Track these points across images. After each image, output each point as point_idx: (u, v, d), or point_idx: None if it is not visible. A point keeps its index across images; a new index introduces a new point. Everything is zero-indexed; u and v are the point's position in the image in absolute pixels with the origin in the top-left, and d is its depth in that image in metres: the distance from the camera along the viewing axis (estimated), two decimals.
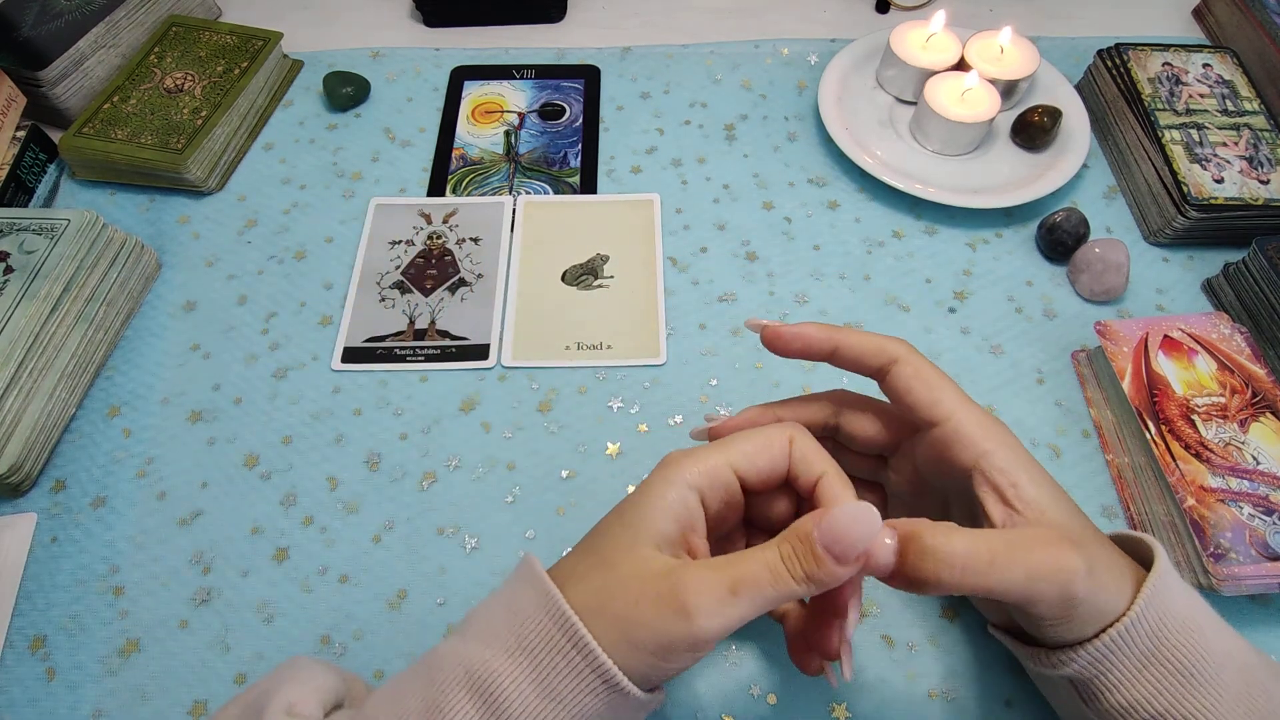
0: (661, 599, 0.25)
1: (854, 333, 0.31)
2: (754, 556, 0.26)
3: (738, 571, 0.25)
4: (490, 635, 0.27)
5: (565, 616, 0.26)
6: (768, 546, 0.26)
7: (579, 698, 0.26)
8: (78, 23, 0.54)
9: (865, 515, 0.24)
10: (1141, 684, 0.27)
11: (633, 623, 0.25)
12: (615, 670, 0.25)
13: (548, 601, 0.26)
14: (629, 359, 0.46)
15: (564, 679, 0.26)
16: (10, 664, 0.37)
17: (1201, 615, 0.28)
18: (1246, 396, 0.40)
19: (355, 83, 0.57)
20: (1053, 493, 0.28)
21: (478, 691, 0.26)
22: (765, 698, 0.36)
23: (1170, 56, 0.55)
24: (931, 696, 0.36)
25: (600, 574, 0.27)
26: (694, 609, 0.25)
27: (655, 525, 0.27)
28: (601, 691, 0.26)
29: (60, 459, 0.42)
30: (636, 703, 0.27)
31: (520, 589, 0.28)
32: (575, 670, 0.26)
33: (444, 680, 0.26)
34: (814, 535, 0.25)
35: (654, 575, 0.26)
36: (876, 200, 0.53)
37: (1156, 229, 0.50)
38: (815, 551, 0.25)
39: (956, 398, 0.29)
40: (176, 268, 0.50)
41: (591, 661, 0.25)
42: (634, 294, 0.48)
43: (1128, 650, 0.27)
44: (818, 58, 0.61)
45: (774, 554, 0.25)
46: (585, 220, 0.52)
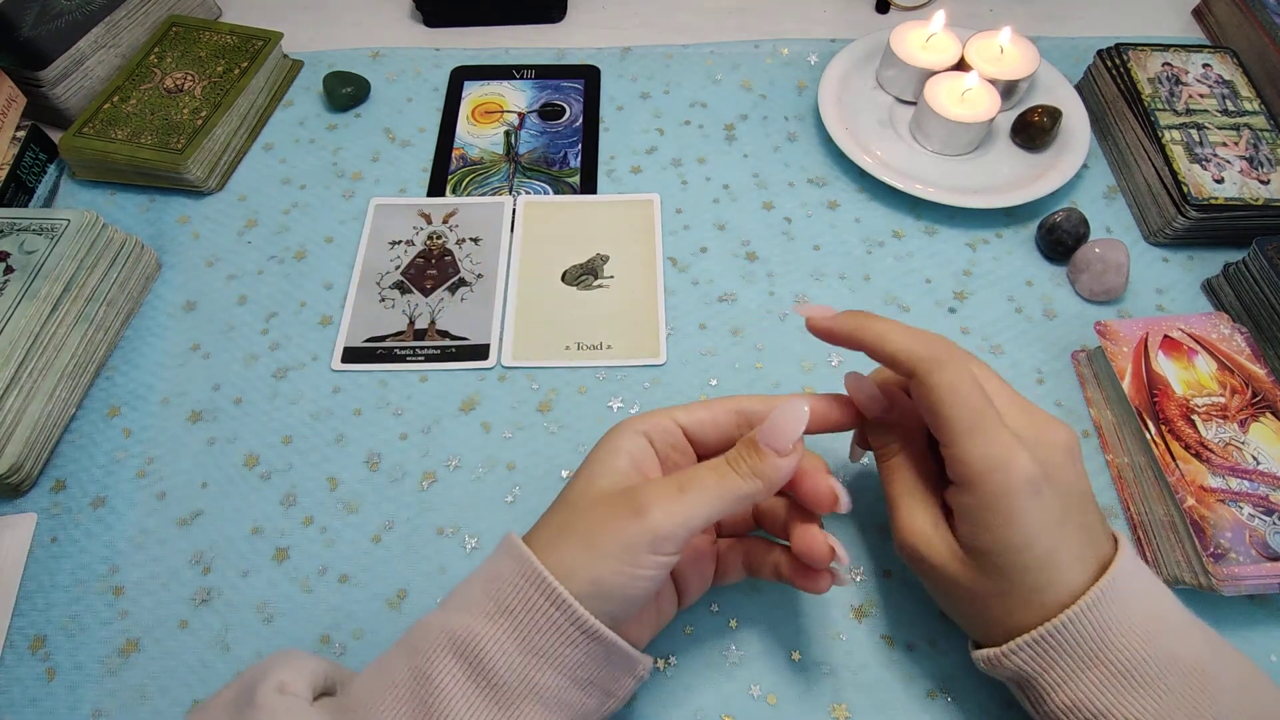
0: (617, 507, 0.28)
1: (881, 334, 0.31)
2: (703, 464, 0.30)
3: (686, 475, 0.29)
4: (470, 603, 0.28)
5: (539, 574, 0.27)
6: (713, 460, 0.30)
7: (559, 649, 0.27)
8: (78, 23, 0.54)
9: (796, 407, 0.29)
10: (1082, 683, 0.28)
11: (593, 535, 0.28)
12: (588, 616, 0.27)
13: (523, 565, 0.28)
14: (629, 359, 0.46)
15: (543, 634, 0.27)
16: (10, 664, 0.37)
17: (1163, 616, 0.28)
18: (1246, 396, 0.40)
19: (355, 83, 0.57)
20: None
21: (462, 654, 0.27)
22: (765, 698, 0.36)
23: (1170, 56, 0.55)
24: (931, 697, 0.36)
25: (563, 513, 0.30)
26: (647, 506, 0.28)
27: (609, 464, 0.30)
28: (580, 640, 0.27)
29: (60, 459, 0.42)
30: (618, 654, 0.28)
31: (497, 559, 0.30)
32: (553, 623, 0.27)
33: (428, 648, 0.27)
34: (755, 436, 0.29)
35: (611, 495, 0.29)
36: (876, 200, 0.53)
37: (1156, 229, 0.50)
38: (758, 447, 0.29)
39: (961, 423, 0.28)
40: (176, 268, 0.50)
41: (567, 612, 0.27)
42: (634, 294, 0.48)
43: (1070, 647, 0.28)
44: (818, 58, 0.61)
45: (720, 460, 0.29)
46: (585, 220, 0.52)
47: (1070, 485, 0.29)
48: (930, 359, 0.29)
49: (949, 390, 0.29)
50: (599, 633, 0.27)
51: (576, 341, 0.46)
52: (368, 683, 0.28)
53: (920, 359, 0.29)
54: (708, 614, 0.38)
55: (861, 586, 0.39)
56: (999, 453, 0.28)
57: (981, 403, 0.29)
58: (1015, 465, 0.28)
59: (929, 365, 0.29)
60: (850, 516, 0.41)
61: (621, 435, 0.31)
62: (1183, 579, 0.37)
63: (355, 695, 0.28)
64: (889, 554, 0.39)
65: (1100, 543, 0.29)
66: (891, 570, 0.39)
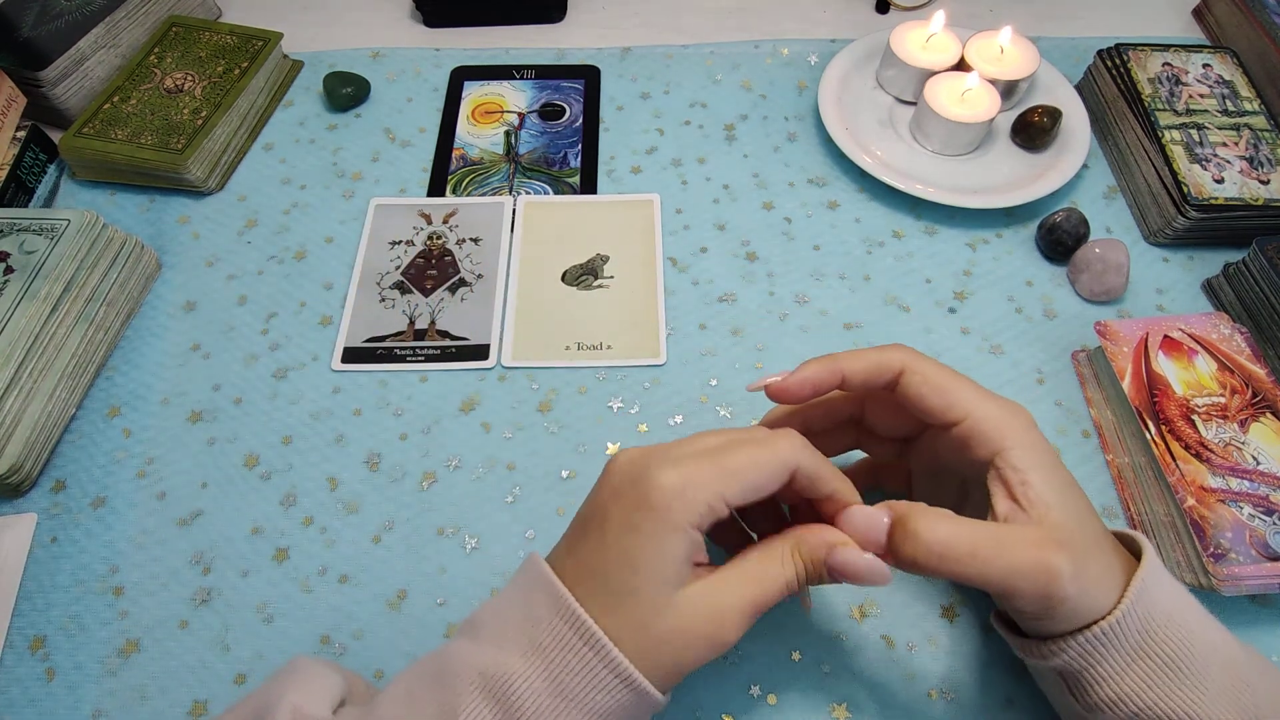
0: (704, 641, 0.27)
1: (853, 356, 0.32)
2: (771, 576, 0.29)
3: (760, 594, 0.28)
4: (502, 637, 0.27)
5: (578, 617, 0.26)
6: (783, 560, 0.29)
7: (592, 695, 0.26)
8: (78, 23, 0.54)
9: (877, 567, 0.28)
10: (1130, 677, 0.28)
11: (679, 664, 0.27)
12: (629, 665, 0.26)
13: (559, 603, 0.27)
14: (629, 359, 0.46)
15: (577, 677, 0.26)
16: (10, 664, 0.37)
17: (1188, 611, 0.29)
18: (1246, 396, 0.40)
19: (355, 83, 0.57)
20: (1062, 493, 0.28)
21: (492, 694, 0.26)
22: (765, 698, 0.36)
23: (1170, 56, 0.55)
24: (931, 696, 0.36)
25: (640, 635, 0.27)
26: (731, 641, 0.28)
27: (674, 573, 0.27)
28: (615, 688, 0.26)
29: (60, 459, 0.42)
30: (650, 703, 0.27)
31: (528, 591, 0.28)
32: (589, 668, 0.26)
33: (458, 684, 0.26)
34: (825, 561, 0.28)
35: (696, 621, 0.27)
36: (876, 200, 0.53)
37: (1156, 229, 0.50)
38: (823, 573, 0.29)
39: (971, 396, 0.30)
40: (176, 268, 0.50)
41: (605, 659, 0.26)
42: (634, 294, 0.48)
43: (1117, 644, 0.27)
44: (818, 58, 0.61)
45: (790, 572, 0.29)
46: (585, 220, 0.52)
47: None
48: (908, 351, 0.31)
49: (939, 371, 0.31)
50: (633, 680, 0.27)
51: (576, 341, 0.46)
52: (392, 708, 0.27)
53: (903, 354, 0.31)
54: None
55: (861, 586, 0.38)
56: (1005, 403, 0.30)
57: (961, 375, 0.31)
58: (1022, 413, 0.30)
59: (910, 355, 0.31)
60: None
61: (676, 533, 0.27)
62: (1183, 579, 0.37)
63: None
64: None
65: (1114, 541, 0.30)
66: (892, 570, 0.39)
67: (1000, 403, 0.30)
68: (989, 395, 0.30)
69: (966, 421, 0.29)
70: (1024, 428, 0.29)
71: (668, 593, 0.27)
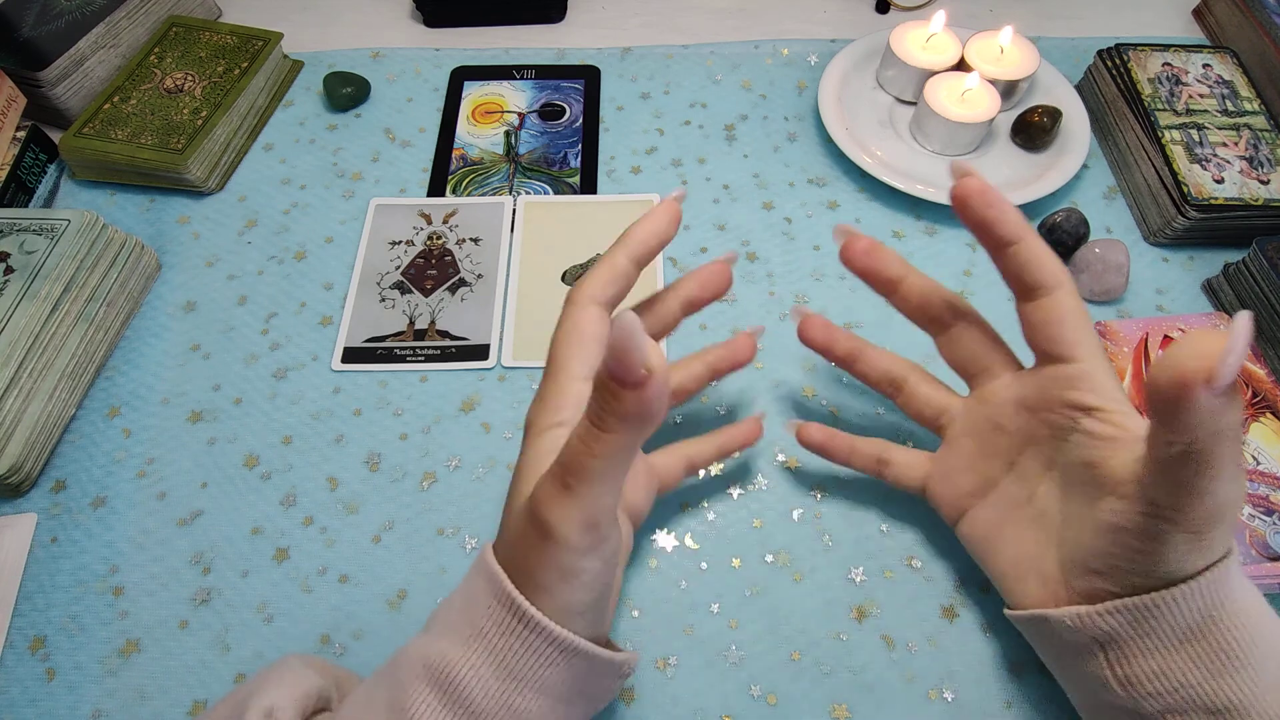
0: (529, 535, 0.26)
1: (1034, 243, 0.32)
2: (574, 435, 0.24)
3: (564, 463, 0.24)
4: (447, 627, 0.28)
5: (512, 598, 0.26)
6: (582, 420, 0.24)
7: (539, 671, 0.26)
8: (78, 23, 0.54)
9: (625, 323, 0.20)
10: (1181, 655, 0.27)
11: (525, 571, 0.26)
12: (568, 635, 0.26)
13: (494, 585, 0.27)
14: None
15: (519, 657, 0.26)
16: (10, 664, 0.37)
17: (1262, 610, 0.28)
18: (1246, 397, 0.40)
19: (355, 83, 0.57)
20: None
21: (436, 682, 0.26)
22: (765, 698, 0.36)
23: (1170, 57, 0.55)
24: (931, 697, 0.36)
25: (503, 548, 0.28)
26: (550, 526, 0.25)
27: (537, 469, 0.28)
28: (558, 660, 0.26)
29: (60, 459, 0.42)
30: (601, 663, 0.28)
31: (473, 579, 0.29)
32: (528, 645, 0.26)
33: (405, 677, 0.27)
34: (601, 373, 0.22)
35: (521, 516, 0.26)
36: (876, 200, 0.53)
37: (1156, 229, 0.50)
38: (612, 390, 0.22)
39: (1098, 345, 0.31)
40: (176, 268, 0.50)
41: (541, 632, 0.26)
42: (634, 294, 0.48)
43: (1177, 617, 0.27)
44: (818, 58, 0.61)
45: (584, 423, 0.23)
46: (585, 220, 0.52)
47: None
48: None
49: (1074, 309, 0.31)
50: (578, 648, 0.26)
51: None
52: (353, 710, 0.28)
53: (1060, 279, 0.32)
54: (708, 614, 0.38)
55: (861, 586, 0.39)
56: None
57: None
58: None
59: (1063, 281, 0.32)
60: (850, 516, 0.41)
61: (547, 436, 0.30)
62: None
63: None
64: (889, 554, 0.39)
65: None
66: (891, 570, 0.39)
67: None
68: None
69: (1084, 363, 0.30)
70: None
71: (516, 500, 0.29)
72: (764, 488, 0.42)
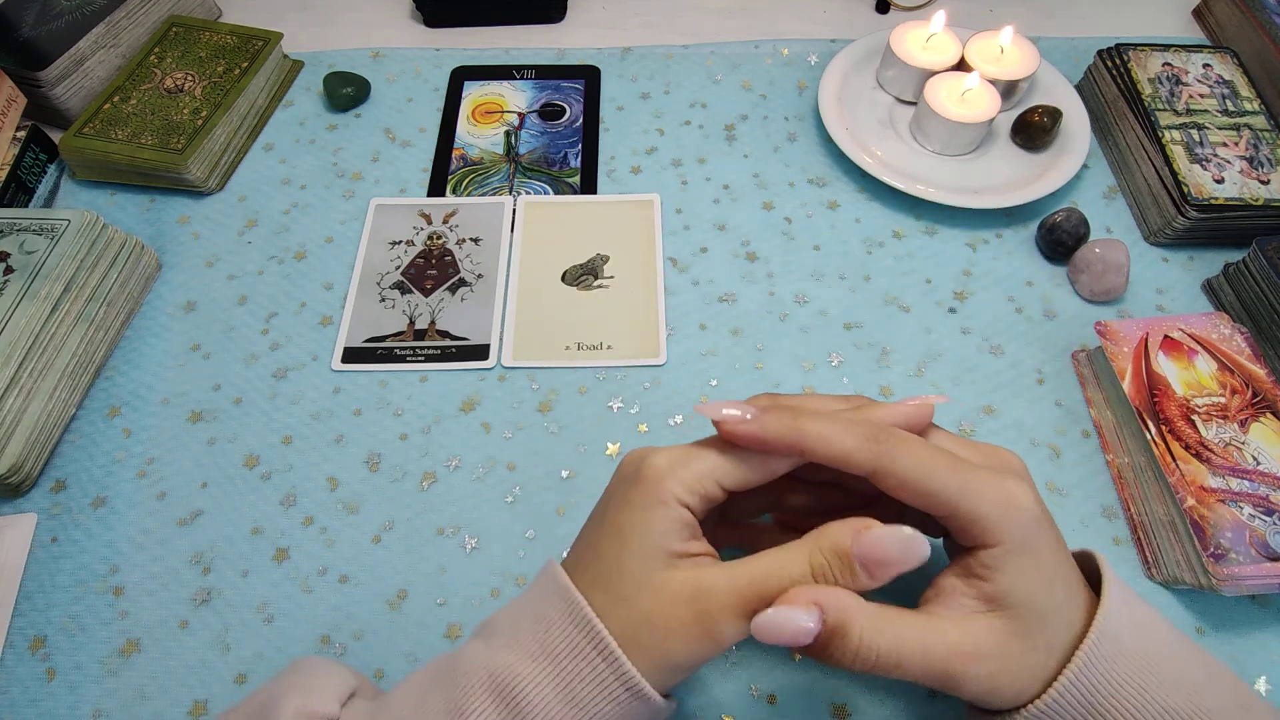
0: (689, 628, 0.26)
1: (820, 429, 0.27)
2: (775, 564, 0.26)
3: (754, 581, 0.26)
4: (514, 641, 0.27)
5: (591, 625, 0.26)
6: (793, 555, 0.26)
7: (600, 704, 0.26)
8: (78, 23, 0.54)
9: (914, 543, 0.25)
10: None
11: (665, 652, 0.26)
12: (639, 678, 0.26)
13: (573, 609, 0.27)
14: (629, 359, 0.46)
15: (586, 685, 0.26)
16: (10, 664, 0.37)
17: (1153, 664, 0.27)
18: (1247, 397, 0.40)
19: (355, 83, 0.57)
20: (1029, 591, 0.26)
21: (501, 695, 0.26)
22: (765, 698, 0.36)
23: (1170, 56, 0.55)
24: (932, 696, 0.36)
25: (622, 609, 0.27)
26: (722, 633, 0.26)
27: (659, 546, 0.27)
28: (623, 699, 0.26)
29: (60, 459, 0.42)
30: (655, 709, 0.27)
31: (545, 596, 0.28)
32: (599, 677, 0.26)
33: (467, 684, 0.26)
34: (852, 551, 0.25)
35: (678, 603, 0.26)
36: (876, 200, 0.53)
37: (1156, 229, 0.50)
38: (853, 568, 0.25)
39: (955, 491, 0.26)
40: (176, 268, 0.50)
41: (616, 669, 0.26)
42: (634, 294, 0.48)
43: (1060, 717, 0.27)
44: (818, 58, 0.61)
45: (804, 568, 0.26)
46: (585, 220, 0.52)
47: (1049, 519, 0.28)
48: (881, 449, 0.27)
49: (919, 466, 0.27)
50: (645, 694, 0.26)
51: (576, 342, 0.46)
52: (402, 704, 0.28)
53: (877, 451, 0.27)
54: None
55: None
56: (1001, 493, 0.27)
57: (953, 460, 0.27)
58: (1018, 496, 0.27)
59: (885, 455, 0.27)
60: None
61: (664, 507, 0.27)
62: (1183, 579, 0.37)
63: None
64: None
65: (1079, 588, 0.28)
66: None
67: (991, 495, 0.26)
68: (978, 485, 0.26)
69: (952, 520, 0.27)
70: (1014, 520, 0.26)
71: (653, 568, 0.27)
72: None
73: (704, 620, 0.26)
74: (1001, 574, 0.26)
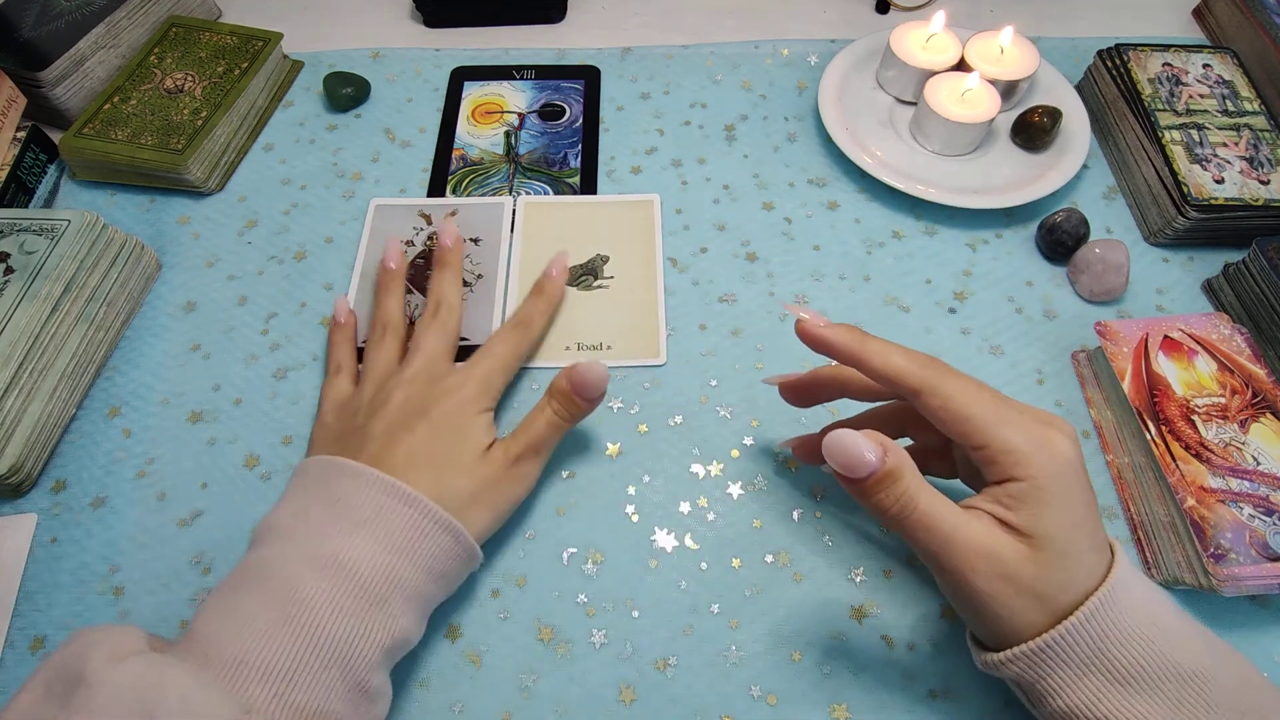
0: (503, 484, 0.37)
1: (882, 351, 0.31)
2: (538, 421, 0.38)
3: (534, 438, 0.38)
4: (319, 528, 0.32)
5: (392, 484, 0.33)
6: (542, 409, 0.39)
7: (419, 544, 0.32)
8: (78, 23, 0.54)
9: (598, 369, 0.38)
10: (1082, 689, 0.28)
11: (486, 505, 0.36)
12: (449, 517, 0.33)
13: (370, 479, 0.33)
14: (629, 359, 0.46)
15: (403, 534, 0.32)
16: (10, 664, 0.37)
17: (1160, 622, 0.28)
18: (1247, 397, 0.40)
19: (355, 83, 0.57)
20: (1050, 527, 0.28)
21: (328, 568, 0.30)
22: (765, 698, 0.36)
23: (1170, 57, 0.55)
24: (932, 697, 0.36)
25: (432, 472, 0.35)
26: (528, 474, 0.38)
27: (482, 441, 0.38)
28: (439, 535, 0.33)
29: (60, 459, 0.42)
30: (466, 546, 0.34)
31: (329, 485, 0.33)
32: (412, 523, 0.32)
33: (288, 576, 0.30)
34: (568, 388, 0.38)
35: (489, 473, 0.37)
36: (876, 200, 0.53)
37: (1156, 229, 0.50)
38: (574, 400, 0.38)
39: (993, 422, 0.29)
40: (176, 268, 0.50)
41: (426, 511, 0.33)
42: (634, 294, 0.48)
43: (1066, 656, 0.28)
44: (818, 58, 0.61)
45: (550, 414, 0.38)
46: (585, 220, 0.52)
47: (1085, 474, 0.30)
48: (930, 372, 0.30)
49: (964, 392, 0.29)
50: (452, 527, 0.33)
51: (577, 342, 0.46)
52: (216, 622, 0.29)
53: (927, 373, 0.30)
54: (708, 614, 0.38)
55: (861, 586, 0.39)
56: (1037, 431, 0.29)
57: (998, 397, 0.30)
58: (1056, 442, 0.29)
59: (935, 376, 0.30)
60: (850, 516, 0.41)
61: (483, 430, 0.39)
62: (1183, 579, 0.37)
63: (209, 638, 0.28)
64: (890, 554, 0.39)
65: (1103, 545, 0.30)
66: (891, 570, 0.39)
67: (1027, 431, 0.29)
68: (1016, 420, 0.29)
69: (984, 450, 0.29)
70: (1047, 459, 0.28)
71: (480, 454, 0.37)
72: (764, 488, 0.42)
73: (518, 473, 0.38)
74: (1027, 506, 0.28)
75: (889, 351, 0.31)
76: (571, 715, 0.35)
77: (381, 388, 0.39)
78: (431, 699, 0.35)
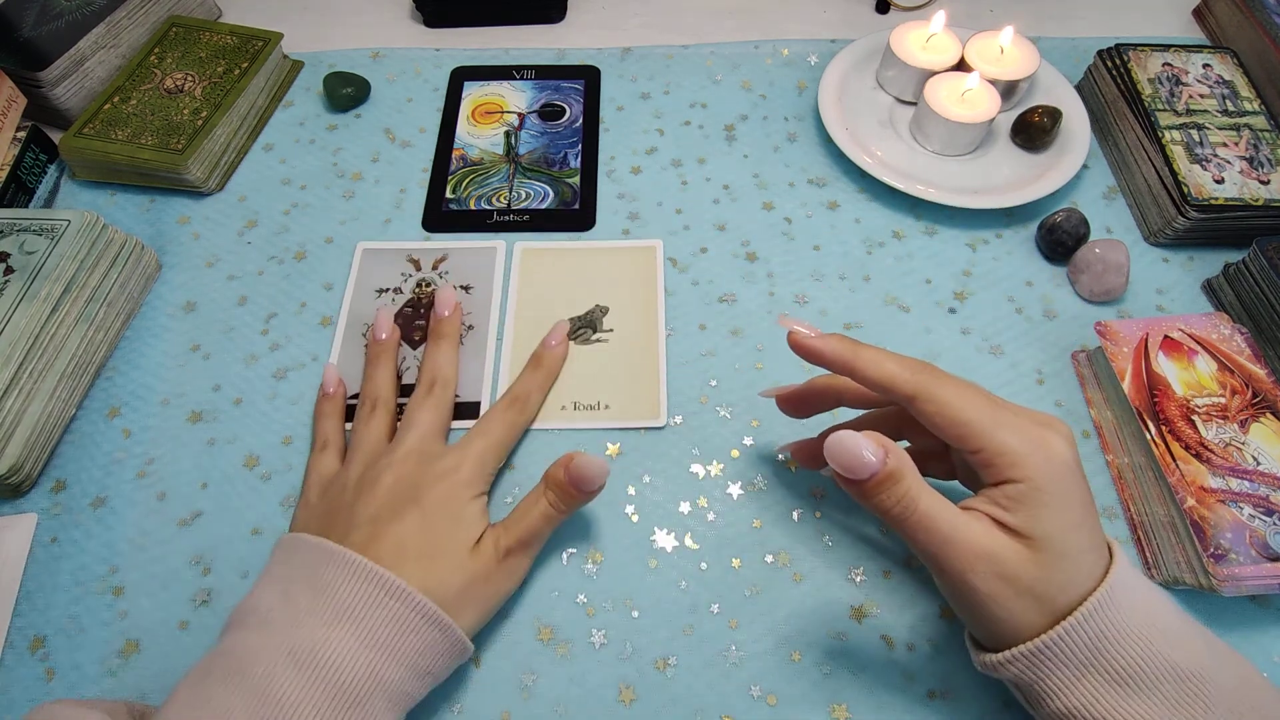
0: (493, 579, 0.35)
1: (875, 359, 0.31)
2: (532, 513, 0.36)
3: (527, 532, 0.36)
4: (297, 617, 0.30)
5: (380, 575, 0.31)
6: (537, 499, 0.36)
7: (403, 640, 0.31)
8: (78, 23, 0.54)
9: (598, 463, 0.35)
10: (1080, 689, 0.28)
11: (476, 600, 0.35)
12: (437, 609, 0.31)
13: (357, 568, 0.31)
14: (627, 420, 0.43)
15: (387, 628, 0.31)
16: (10, 664, 0.37)
17: (1158, 623, 0.28)
18: (1247, 397, 0.40)
19: (355, 83, 0.57)
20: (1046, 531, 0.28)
21: (303, 664, 0.28)
22: (765, 698, 0.36)
23: (1170, 57, 0.55)
24: (931, 697, 0.36)
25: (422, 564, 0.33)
26: (519, 568, 0.36)
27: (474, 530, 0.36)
28: (425, 630, 0.31)
29: (60, 459, 0.42)
30: (454, 639, 0.32)
31: (314, 569, 0.32)
32: (397, 617, 0.31)
33: (261, 669, 0.28)
34: (565, 480, 0.36)
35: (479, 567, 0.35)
36: (876, 200, 0.53)
37: (1156, 229, 0.50)
38: (571, 492, 0.36)
39: (988, 426, 0.29)
40: (176, 268, 0.50)
41: (413, 605, 0.31)
42: (634, 350, 0.46)
43: (1063, 657, 0.28)
44: (818, 58, 0.61)
45: (545, 505, 0.36)
46: (584, 268, 0.49)
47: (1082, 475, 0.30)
48: (924, 378, 0.30)
49: (959, 396, 0.29)
50: (440, 620, 0.32)
51: (574, 401, 0.44)
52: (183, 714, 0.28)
53: (920, 379, 0.30)
54: (708, 614, 0.38)
55: (861, 586, 0.39)
56: (1033, 433, 0.29)
57: (991, 399, 0.30)
58: (1052, 443, 0.29)
59: (929, 381, 0.30)
60: (849, 517, 0.41)
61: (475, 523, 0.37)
62: (1183, 579, 0.37)
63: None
64: (889, 554, 0.39)
65: (1102, 546, 0.30)
66: (891, 571, 0.39)
67: (1022, 433, 0.29)
68: (1012, 422, 0.29)
69: (981, 454, 0.29)
70: (1043, 460, 0.28)
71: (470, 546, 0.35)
72: (764, 488, 0.42)
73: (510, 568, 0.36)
74: (1025, 508, 0.28)
75: (882, 359, 0.31)
76: (571, 715, 0.35)
77: (371, 466, 0.37)
78: (431, 699, 0.35)
